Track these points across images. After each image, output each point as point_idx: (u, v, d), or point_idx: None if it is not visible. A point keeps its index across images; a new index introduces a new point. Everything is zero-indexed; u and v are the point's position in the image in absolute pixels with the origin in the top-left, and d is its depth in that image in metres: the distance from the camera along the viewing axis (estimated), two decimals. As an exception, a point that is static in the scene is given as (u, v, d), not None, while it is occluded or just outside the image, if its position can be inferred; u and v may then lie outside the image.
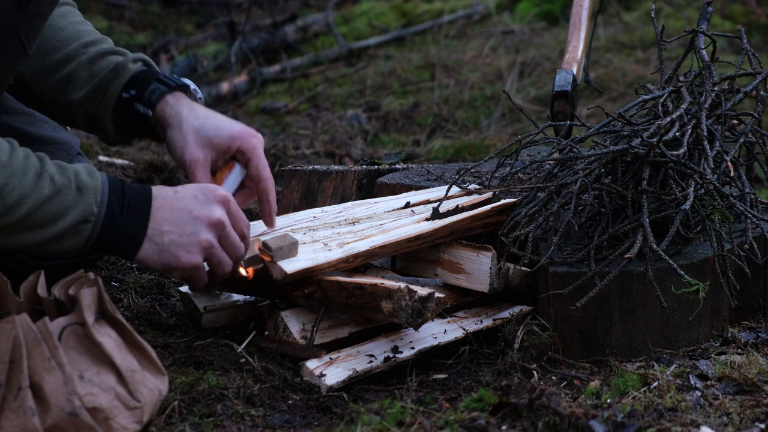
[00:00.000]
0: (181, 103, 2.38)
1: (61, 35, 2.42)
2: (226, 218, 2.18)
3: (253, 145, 2.34)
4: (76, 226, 2.07)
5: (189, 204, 2.16)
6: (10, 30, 2.13)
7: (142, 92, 2.38)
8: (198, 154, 2.34)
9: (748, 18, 6.30)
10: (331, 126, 5.23)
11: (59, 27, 2.43)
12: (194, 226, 2.15)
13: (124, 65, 2.41)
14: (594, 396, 2.15)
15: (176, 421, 2.03)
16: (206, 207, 2.17)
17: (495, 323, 2.43)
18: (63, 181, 2.06)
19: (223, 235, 2.19)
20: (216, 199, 2.18)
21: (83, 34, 2.45)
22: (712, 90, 2.45)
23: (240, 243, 2.22)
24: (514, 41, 6.30)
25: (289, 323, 2.29)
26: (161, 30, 7.15)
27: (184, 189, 2.18)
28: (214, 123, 2.36)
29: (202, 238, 2.16)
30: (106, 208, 2.09)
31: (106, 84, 2.40)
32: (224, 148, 2.35)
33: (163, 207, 2.14)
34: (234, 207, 2.21)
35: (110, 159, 4.37)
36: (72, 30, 2.44)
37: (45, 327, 1.86)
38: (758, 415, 2.05)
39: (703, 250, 2.36)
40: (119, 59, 2.42)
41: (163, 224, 2.14)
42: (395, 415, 2.09)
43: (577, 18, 3.22)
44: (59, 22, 2.43)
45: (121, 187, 2.13)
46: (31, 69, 2.41)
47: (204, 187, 2.20)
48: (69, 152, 2.61)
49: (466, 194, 2.65)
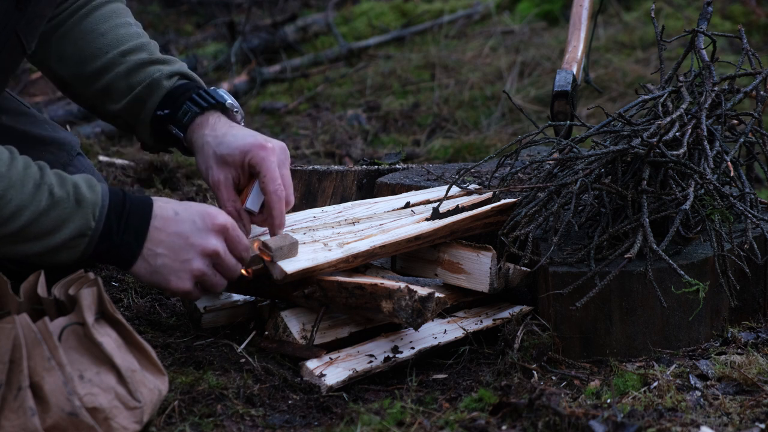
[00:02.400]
0: (206, 125, 2.36)
1: (101, 42, 2.41)
2: (221, 247, 2.17)
3: (262, 157, 2.30)
4: (72, 240, 2.07)
5: (186, 229, 2.15)
6: (9, 30, 2.13)
7: (176, 112, 2.37)
8: (218, 175, 2.33)
9: (748, 18, 6.30)
10: (331, 126, 5.23)
11: (100, 32, 2.41)
12: (188, 254, 2.15)
13: (159, 82, 2.39)
14: (594, 396, 2.15)
15: (176, 421, 2.03)
16: (203, 235, 2.16)
17: (495, 323, 2.43)
18: (62, 193, 2.05)
19: (218, 262, 2.19)
20: (214, 227, 2.17)
21: (123, 40, 2.42)
22: (712, 90, 2.45)
23: (235, 267, 2.21)
24: (514, 41, 6.30)
25: (289, 323, 2.29)
26: (161, 30, 7.15)
27: (186, 211, 2.16)
28: (228, 140, 2.33)
29: (194, 266, 2.16)
30: (104, 223, 2.09)
31: (143, 99, 2.39)
32: (239, 163, 2.32)
33: (160, 228, 2.14)
34: (234, 233, 2.19)
35: (110, 159, 4.37)
36: (112, 36, 2.42)
37: (45, 327, 1.86)
38: (758, 415, 2.05)
39: (703, 250, 2.36)
40: (156, 74, 2.39)
41: (158, 246, 2.14)
42: (395, 415, 2.09)
43: (577, 18, 3.22)
44: (101, 26, 2.42)
45: (122, 201, 2.12)
46: (71, 73, 2.41)
47: (204, 212, 2.18)
48: (69, 152, 2.61)
49: (466, 194, 2.65)
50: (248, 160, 2.31)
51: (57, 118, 4.97)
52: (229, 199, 2.33)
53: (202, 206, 2.20)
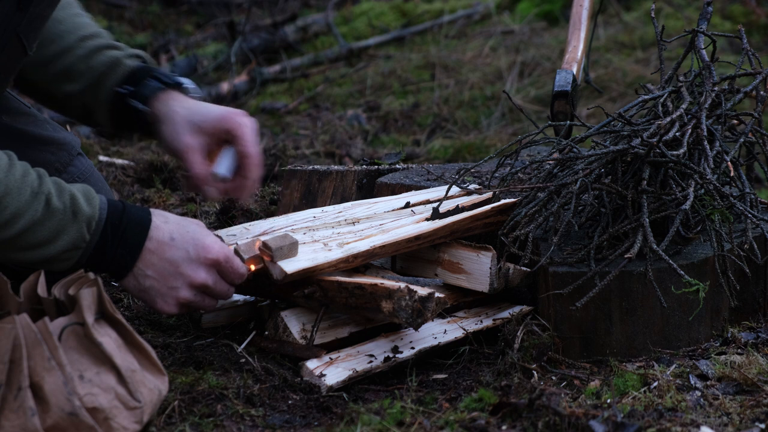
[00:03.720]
0: (172, 99, 2.38)
1: (59, 28, 2.42)
2: (211, 280, 2.18)
3: (239, 123, 2.34)
4: (66, 252, 2.08)
5: (179, 257, 2.15)
6: (11, 31, 2.13)
7: (137, 88, 2.39)
8: (189, 140, 2.35)
9: (748, 18, 6.30)
10: (331, 126, 5.23)
11: (57, 19, 2.42)
12: (176, 282, 2.16)
13: (121, 61, 2.41)
14: (594, 396, 2.15)
15: (176, 421, 2.03)
16: (193, 267, 2.16)
17: (495, 323, 2.43)
18: (58, 204, 2.05)
19: (207, 291, 2.20)
20: (206, 261, 2.17)
21: (81, 27, 2.44)
22: (712, 90, 2.45)
23: (226, 293, 2.23)
24: (514, 41, 6.30)
25: (289, 323, 2.29)
26: (161, 30, 7.15)
27: (182, 237, 2.16)
28: (201, 110, 2.37)
29: (181, 295, 2.17)
30: (99, 236, 2.09)
31: (103, 79, 2.40)
32: (213, 130, 2.35)
33: (154, 251, 2.14)
34: (227, 266, 2.19)
35: (110, 159, 4.36)
36: (70, 23, 2.44)
37: (45, 327, 1.86)
38: (758, 415, 2.05)
39: (703, 250, 2.36)
40: (116, 54, 2.42)
41: (148, 268, 2.14)
42: (395, 415, 2.09)
43: (577, 18, 3.22)
44: (58, 13, 2.42)
45: (120, 215, 2.12)
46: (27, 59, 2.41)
47: (200, 243, 2.17)
48: (70, 152, 2.60)
49: (466, 194, 2.65)
50: (225, 127, 2.34)
51: (57, 118, 4.96)
52: (199, 163, 2.34)
53: (200, 234, 2.19)
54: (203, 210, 3.48)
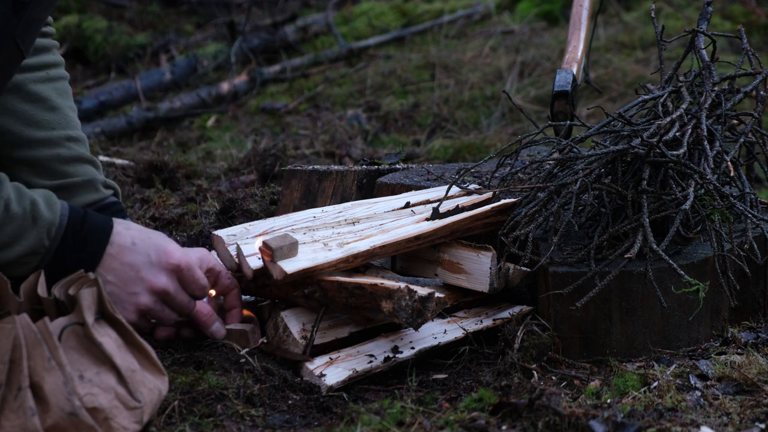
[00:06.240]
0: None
1: (51, 116, 2.38)
2: (171, 287, 2.16)
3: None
4: (25, 257, 2.07)
5: (140, 262, 2.14)
6: (7, 36, 2.13)
7: None
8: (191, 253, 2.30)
9: (748, 18, 6.30)
10: (331, 126, 5.24)
11: (54, 105, 2.39)
12: (136, 287, 2.14)
13: (96, 185, 2.39)
14: (594, 396, 2.15)
15: (176, 421, 2.03)
16: (154, 272, 2.15)
17: (495, 323, 2.43)
18: (18, 210, 2.04)
19: (167, 300, 2.18)
20: (168, 266, 2.16)
21: (71, 125, 2.41)
22: (712, 90, 2.45)
23: (187, 305, 2.20)
24: (514, 41, 6.30)
25: (289, 323, 2.29)
26: (161, 30, 7.15)
27: (144, 242, 2.15)
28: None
29: (140, 300, 2.15)
30: (59, 242, 2.08)
31: (76, 190, 2.37)
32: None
33: (115, 256, 2.13)
34: (188, 274, 2.18)
35: (110, 159, 4.37)
36: (63, 115, 2.40)
37: (45, 327, 1.86)
38: (758, 415, 2.05)
39: (703, 250, 2.36)
40: (95, 175, 2.40)
41: (109, 273, 2.13)
42: (395, 415, 2.09)
43: (577, 18, 3.22)
44: (57, 100, 2.40)
45: (81, 220, 2.11)
46: (4, 127, 2.35)
47: (162, 248, 2.16)
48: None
49: (466, 194, 2.65)
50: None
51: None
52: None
53: (162, 240, 2.18)
54: (203, 210, 3.48)
